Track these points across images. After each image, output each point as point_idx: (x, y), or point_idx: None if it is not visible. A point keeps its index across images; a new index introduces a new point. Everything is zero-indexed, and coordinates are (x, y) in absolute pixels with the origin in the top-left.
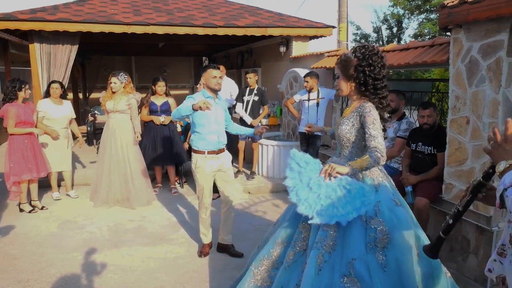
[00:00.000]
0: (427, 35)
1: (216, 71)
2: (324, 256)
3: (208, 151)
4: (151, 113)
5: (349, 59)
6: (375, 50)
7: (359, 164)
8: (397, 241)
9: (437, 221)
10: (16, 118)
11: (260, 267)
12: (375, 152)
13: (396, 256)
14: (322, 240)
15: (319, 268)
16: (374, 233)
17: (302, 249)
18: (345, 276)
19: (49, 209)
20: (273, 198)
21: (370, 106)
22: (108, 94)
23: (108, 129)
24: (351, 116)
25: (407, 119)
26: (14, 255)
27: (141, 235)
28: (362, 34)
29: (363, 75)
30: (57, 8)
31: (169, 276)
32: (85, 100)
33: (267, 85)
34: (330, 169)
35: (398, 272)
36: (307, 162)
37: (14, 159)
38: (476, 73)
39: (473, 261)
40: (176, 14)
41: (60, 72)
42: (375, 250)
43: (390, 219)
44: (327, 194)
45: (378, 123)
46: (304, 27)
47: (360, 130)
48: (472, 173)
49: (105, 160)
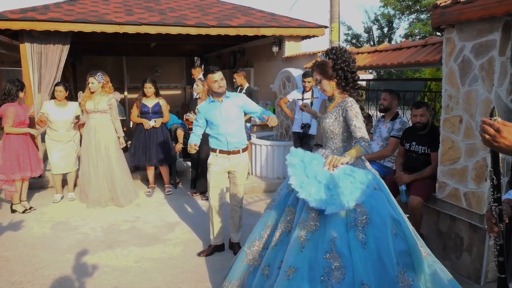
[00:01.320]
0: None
1: (215, 75)
2: (307, 235)
3: (219, 150)
4: (142, 114)
5: (325, 62)
6: (343, 49)
7: (355, 153)
8: (376, 221)
9: (431, 220)
10: (16, 118)
11: (252, 247)
12: (363, 142)
13: (375, 234)
14: (304, 220)
15: (302, 245)
16: (354, 213)
17: (287, 230)
18: (327, 253)
19: (42, 210)
20: (266, 198)
21: (351, 101)
22: (86, 94)
23: (90, 130)
24: (334, 111)
25: (400, 118)
26: (6, 257)
27: (135, 235)
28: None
29: (342, 71)
30: (48, 8)
31: (164, 276)
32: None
33: (259, 85)
34: (335, 161)
35: (377, 249)
36: (311, 158)
37: (7, 157)
38: (469, 73)
39: (467, 258)
40: (168, 14)
41: (52, 72)
42: (355, 229)
43: (368, 202)
44: (335, 184)
45: (360, 115)
46: (297, 27)
47: (342, 123)
48: (465, 172)
49: (90, 161)
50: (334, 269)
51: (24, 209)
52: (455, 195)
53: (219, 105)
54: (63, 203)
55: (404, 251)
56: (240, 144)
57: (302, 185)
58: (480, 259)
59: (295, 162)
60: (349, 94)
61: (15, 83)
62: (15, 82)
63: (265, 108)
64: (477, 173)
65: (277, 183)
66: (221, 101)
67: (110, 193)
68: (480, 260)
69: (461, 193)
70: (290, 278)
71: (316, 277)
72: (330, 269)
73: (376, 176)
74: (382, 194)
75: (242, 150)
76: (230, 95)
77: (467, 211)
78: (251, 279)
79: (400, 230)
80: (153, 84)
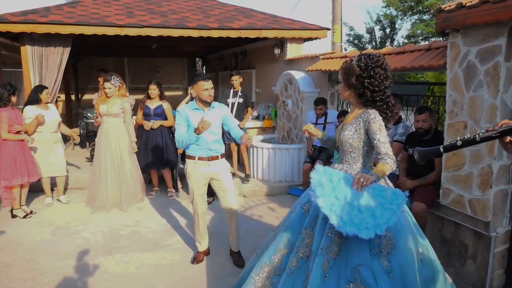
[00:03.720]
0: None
1: (207, 83)
2: (330, 262)
3: (198, 157)
4: (144, 116)
5: (352, 68)
6: (380, 61)
7: (381, 170)
8: (401, 247)
9: (435, 226)
10: (10, 122)
11: (261, 273)
12: (388, 158)
13: (400, 261)
14: (327, 246)
15: (324, 274)
16: (379, 238)
17: (305, 256)
18: (351, 283)
19: (42, 215)
20: (268, 202)
21: (374, 113)
22: (102, 98)
23: (102, 133)
24: (354, 122)
25: (404, 123)
26: (6, 263)
27: (135, 241)
28: (355, 35)
29: (362, 86)
30: (49, 10)
31: (165, 283)
32: (78, 102)
33: (261, 87)
34: (365, 180)
35: (402, 277)
36: (339, 178)
37: (5, 163)
38: (474, 78)
39: (471, 266)
40: (170, 16)
41: (53, 75)
42: (380, 255)
43: (394, 225)
44: (366, 206)
45: (383, 128)
46: (299, 29)
47: (363, 136)
48: (470, 178)
49: (101, 164)
50: None
51: (24, 214)
52: (460, 201)
53: (202, 113)
54: (63, 206)
55: (429, 277)
56: (219, 150)
57: (332, 208)
58: (485, 266)
59: (324, 181)
60: (373, 106)
61: (6, 87)
62: (6, 86)
63: (266, 110)
64: (482, 180)
65: (279, 186)
66: (205, 111)
67: (115, 197)
68: (485, 267)
69: (465, 199)
70: None
71: None
72: None
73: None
74: (407, 216)
75: (221, 156)
76: (215, 105)
77: (471, 218)
78: None
79: (425, 255)
80: (158, 86)
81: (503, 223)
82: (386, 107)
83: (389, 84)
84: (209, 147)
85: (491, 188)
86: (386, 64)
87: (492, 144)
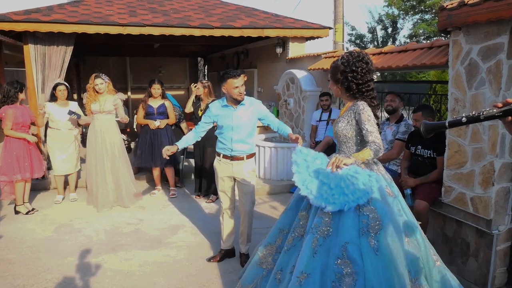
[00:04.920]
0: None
1: (237, 80)
2: (319, 240)
3: (223, 155)
4: (147, 115)
5: (337, 65)
6: (360, 56)
7: (361, 156)
8: (388, 228)
9: (437, 224)
10: (14, 119)
11: (265, 251)
12: (374, 146)
13: (387, 241)
14: (317, 226)
15: (314, 251)
16: (367, 219)
17: (300, 235)
18: (339, 258)
19: (45, 212)
20: (270, 200)
21: (363, 104)
22: (92, 96)
23: (95, 131)
24: (346, 114)
25: (406, 121)
26: (9, 260)
27: (138, 238)
28: (357, 35)
29: (346, 80)
30: (52, 9)
31: (168, 280)
32: (80, 101)
33: (263, 86)
34: (337, 161)
35: (389, 255)
36: (314, 158)
37: (6, 159)
38: (476, 76)
39: (473, 264)
40: (172, 15)
41: (55, 74)
42: (368, 235)
43: (381, 207)
44: (337, 184)
45: (372, 118)
46: (301, 28)
47: (355, 126)
48: (472, 176)
49: (98, 162)
50: (345, 275)
51: (27, 210)
52: (462, 199)
53: (232, 111)
54: (66, 204)
55: (416, 258)
56: (244, 151)
57: (304, 183)
58: (487, 264)
59: (299, 160)
60: (361, 98)
61: (13, 84)
62: (14, 84)
63: (268, 109)
64: (484, 178)
65: (281, 185)
66: (235, 108)
67: (115, 194)
68: (487, 265)
69: (467, 197)
70: (302, 283)
71: (327, 282)
72: (341, 275)
73: (383, 179)
74: (396, 200)
75: (247, 156)
76: (245, 103)
77: (473, 216)
78: (264, 283)
79: (413, 237)
80: (161, 85)
81: (505, 221)
82: (372, 98)
83: (371, 76)
84: (232, 147)
85: (493, 186)
86: (368, 59)
87: (494, 142)
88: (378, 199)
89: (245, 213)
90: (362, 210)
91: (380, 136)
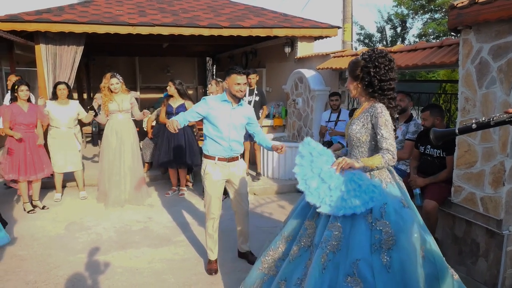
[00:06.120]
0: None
1: (240, 78)
2: (329, 256)
3: (218, 158)
4: (167, 115)
5: (357, 61)
6: (383, 53)
7: (371, 162)
8: (402, 243)
9: (446, 224)
10: (12, 118)
11: (267, 256)
12: (387, 154)
13: (400, 257)
14: (327, 240)
15: (323, 267)
16: (379, 234)
17: (306, 245)
18: (349, 276)
19: (55, 210)
20: (278, 200)
21: (381, 107)
22: (107, 96)
23: (112, 130)
24: (361, 117)
25: (415, 121)
26: (21, 256)
27: (147, 236)
28: (365, 34)
29: (368, 76)
30: (63, 9)
31: (177, 278)
32: (90, 101)
33: (271, 85)
34: (343, 163)
35: (402, 273)
36: (320, 154)
37: (5, 157)
38: (487, 75)
39: (483, 264)
40: (181, 15)
41: (66, 73)
42: (380, 251)
43: (395, 221)
44: (337, 186)
45: (390, 124)
46: (309, 28)
47: (370, 130)
48: (482, 176)
49: (114, 162)
50: None
51: (30, 209)
52: (471, 199)
53: (230, 108)
54: (76, 202)
55: (431, 274)
56: (239, 151)
57: (304, 177)
58: (497, 265)
59: (304, 152)
60: (379, 100)
61: (14, 83)
62: (14, 83)
63: (277, 109)
64: (494, 178)
65: (289, 185)
66: (234, 106)
67: (128, 192)
68: (497, 266)
69: (477, 197)
70: None
71: None
72: None
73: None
74: (411, 212)
75: (240, 156)
76: (243, 104)
77: (483, 216)
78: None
79: (428, 252)
80: (174, 84)
81: None
82: (390, 98)
83: (394, 75)
84: (231, 146)
85: (504, 185)
86: (391, 57)
87: (504, 141)
88: (391, 212)
89: (245, 213)
90: (375, 224)
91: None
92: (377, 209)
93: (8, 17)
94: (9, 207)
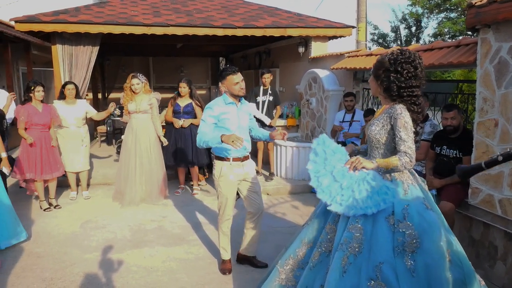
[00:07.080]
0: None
1: (236, 76)
2: (349, 258)
3: (233, 158)
4: (174, 114)
5: (383, 60)
6: (411, 58)
7: (386, 163)
8: (427, 246)
9: (463, 226)
10: (28, 119)
11: (285, 266)
12: (404, 156)
13: (425, 261)
14: (347, 242)
15: (343, 270)
16: (403, 237)
17: (327, 250)
18: (372, 280)
19: (71, 209)
20: (292, 200)
21: (401, 108)
22: (129, 96)
23: (131, 130)
24: (381, 117)
25: (431, 121)
26: (38, 254)
27: (162, 235)
28: (379, 34)
29: (388, 80)
30: (79, 10)
31: (190, 277)
32: (104, 100)
33: (285, 85)
34: (357, 162)
35: (427, 278)
36: (334, 152)
37: (21, 157)
38: (506, 74)
39: (501, 268)
40: (195, 15)
41: (82, 73)
42: (403, 254)
43: (419, 223)
44: (349, 185)
45: (409, 126)
46: (324, 27)
47: (390, 131)
48: (501, 177)
49: (130, 161)
50: None
51: (46, 207)
52: (489, 201)
53: (236, 109)
54: (91, 201)
55: (458, 280)
56: (249, 149)
57: (317, 174)
58: None
59: (318, 150)
60: (400, 101)
61: (28, 84)
62: (29, 83)
63: (290, 109)
64: None
65: (302, 185)
66: (238, 106)
67: (144, 192)
68: None
69: (495, 199)
70: None
71: None
72: None
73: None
74: (435, 215)
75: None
76: (244, 102)
77: (502, 218)
78: None
79: (455, 255)
80: (188, 84)
81: None
82: (412, 103)
83: (418, 83)
84: (244, 146)
85: None
86: (419, 63)
87: None
88: (414, 214)
89: (260, 213)
90: (398, 226)
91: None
92: (399, 210)
93: (26, 18)
94: (25, 205)
